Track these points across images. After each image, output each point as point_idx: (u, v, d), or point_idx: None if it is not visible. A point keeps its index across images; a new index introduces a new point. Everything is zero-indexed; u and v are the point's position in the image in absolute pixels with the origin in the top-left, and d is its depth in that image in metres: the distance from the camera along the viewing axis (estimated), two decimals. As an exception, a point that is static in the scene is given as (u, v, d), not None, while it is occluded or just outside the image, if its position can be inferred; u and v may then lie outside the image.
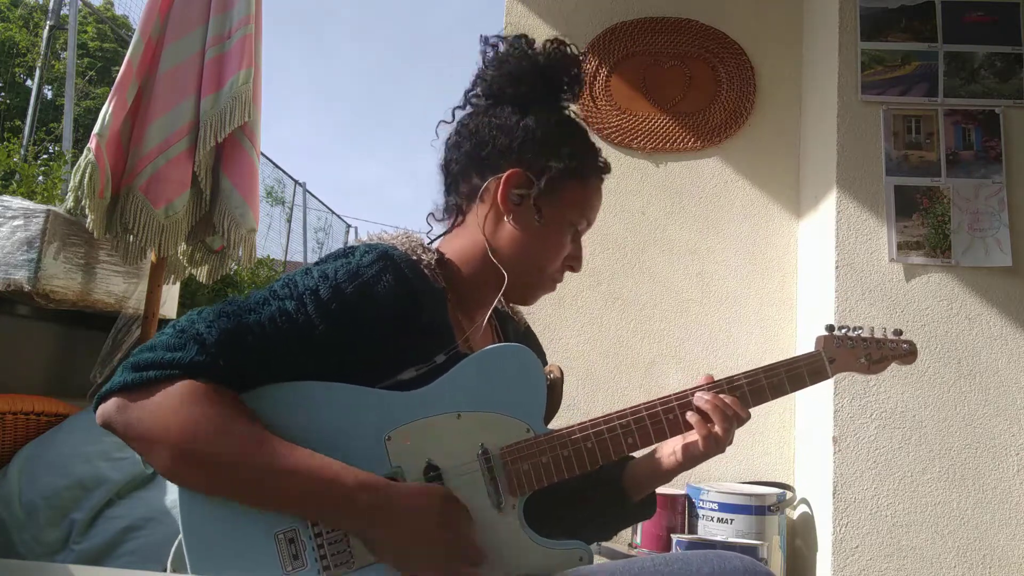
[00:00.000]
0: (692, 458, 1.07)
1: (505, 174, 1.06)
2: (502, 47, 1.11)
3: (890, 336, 1.14)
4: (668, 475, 1.11)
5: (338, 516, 0.89)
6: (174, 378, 0.87)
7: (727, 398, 1.04)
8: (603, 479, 1.13)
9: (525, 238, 1.07)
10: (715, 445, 1.03)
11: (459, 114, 1.14)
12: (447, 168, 1.13)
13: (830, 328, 1.12)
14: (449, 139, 1.14)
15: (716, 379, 1.07)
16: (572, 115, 1.15)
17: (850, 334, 1.12)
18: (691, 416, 1.03)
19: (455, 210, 1.12)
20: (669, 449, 1.10)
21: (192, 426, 0.85)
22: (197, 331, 0.89)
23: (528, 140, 1.07)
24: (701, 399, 1.04)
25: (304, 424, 0.91)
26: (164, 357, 0.87)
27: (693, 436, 1.05)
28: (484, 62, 1.11)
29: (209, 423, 0.86)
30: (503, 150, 1.07)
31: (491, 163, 1.08)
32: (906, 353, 1.14)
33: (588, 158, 1.11)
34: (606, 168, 1.15)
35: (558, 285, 1.17)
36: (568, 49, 1.11)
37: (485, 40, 1.12)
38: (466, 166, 1.10)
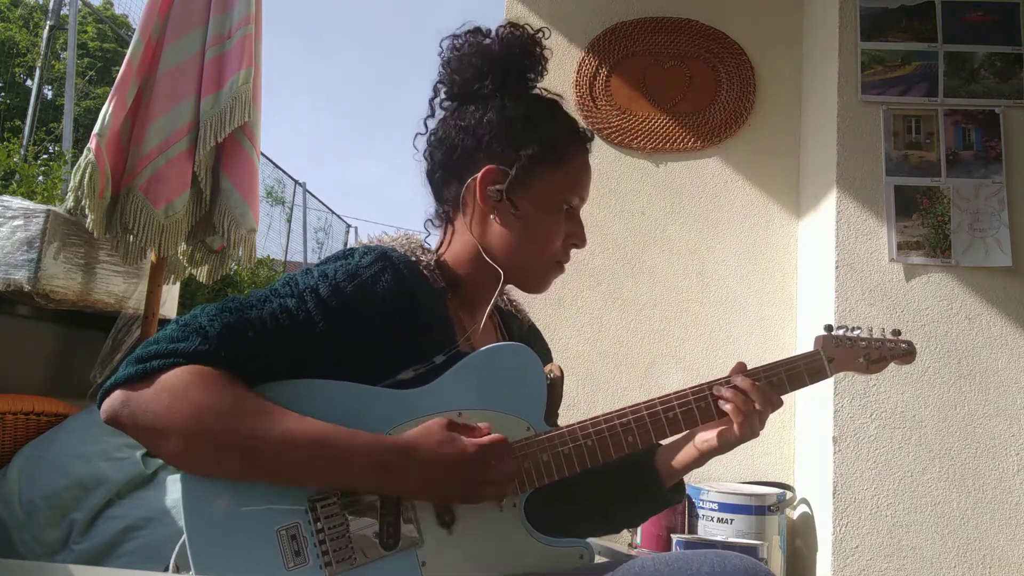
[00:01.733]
0: (727, 443, 1.07)
1: (479, 173, 1.06)
2: (456, 43, 1.10)
3: (888, 336, 1.14)
4: (701, 460, 1.11)
5: (354, 477, 0.90)
6: (177, 365, 0.87)
7: (761, 384, 1.05)
8: (635, 465, 1.13)
9: (515, 231, 1.07)
10: (750, 431, 1.05)
11: (431, 123, 1.14)
12: (431, 178, 1.14)
13: (829, 328, 1.13)
14: (425, 150, 1.13)
15: (715, 378, 1.07)
16: (541, 94, 1.13)
17: (849, 334, 1.12)
18: (725, 404, 1.04)
19: (444, 218, 1.13)
20: (703, 435, 1.10)
21: (200, 407, 0.85)
22: (200, 324, 0.90)
23: (493, 135, 1.06)
24: (738, 383, 1.05)
25: None
26: (167, 347, 0.88)
27: (727, 422, 1.06)
28: (441, 64, 1.11)
29: (216, 401, 0.86)
30: (471, 151, 1.07)
31: (464, 166, 1.08)
32: (905, 353, 1.14)
33: (562, 136, 1.09)
34: (586, 138, 1.13)
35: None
36: (522, 31, 1.10)
37: (440, 43, 1.11)
38: (444, 174, 1.11)
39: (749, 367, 1.09)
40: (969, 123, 2.20)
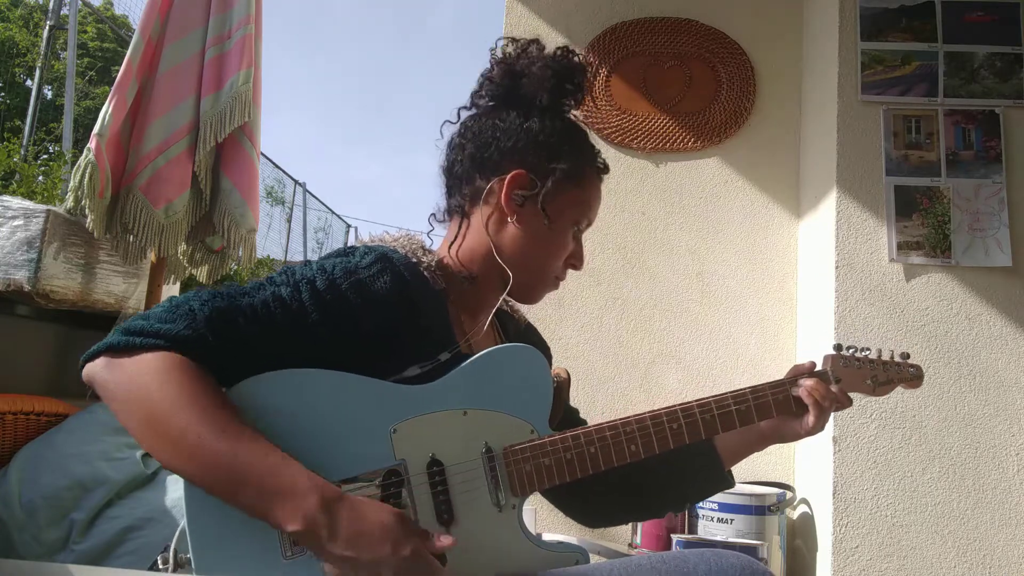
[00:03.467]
0: (795, 435, 1.10)
1: (509, 175, 1.07)
2: (511, 49, 1.12)
3: (897, 359, 1.14)
4: (761, 445, 1.15)
5: (285, 516, 0.84)
6: (158, 347, 0.87)
7: (834, 388, 1.08)
8: (695, 447, 1.12)
9: (528, 239, 1.08)
10: (821, 428, 1.09)
11: (464, 116, 1.15)
12: (450, 170, 1.14)
13: (838, 347, 1.12)
14: (452, 141, 1.14)
15: (718, 392, 1.06)
16: (574, 119, 1.17)
17: (857, 355, 1.12)
18: (806, 395, 1.06)
19: (458, 211, 1.12)
20: (767, 425, 1.11)
21: (162, 397, 0.86)
22: (190, 307, 0.90)
23: (532, 142, 1.08)
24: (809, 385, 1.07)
25: (311, 410, 0.92)
26: (153, 327, 0.88)
27: (792, 418, 1.09)
28: (492, 64, 1.12)
29: (179, 397, 0.86)
30: (506, 152, 1.08)
31: (494, 164, 1.09)
32: (912, 377, 1.14)
33: (588, 160, 1.13)
34: (605, 169, 1.17)
35: (562, 287, 1.18)
36: (575, 58, 1.13)
37: (496, 42, 1.14)
38: (469, 168, 1.11)
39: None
40: (969, 123, 2.20)
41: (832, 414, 1.12)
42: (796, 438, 1.11)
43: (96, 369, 0.90)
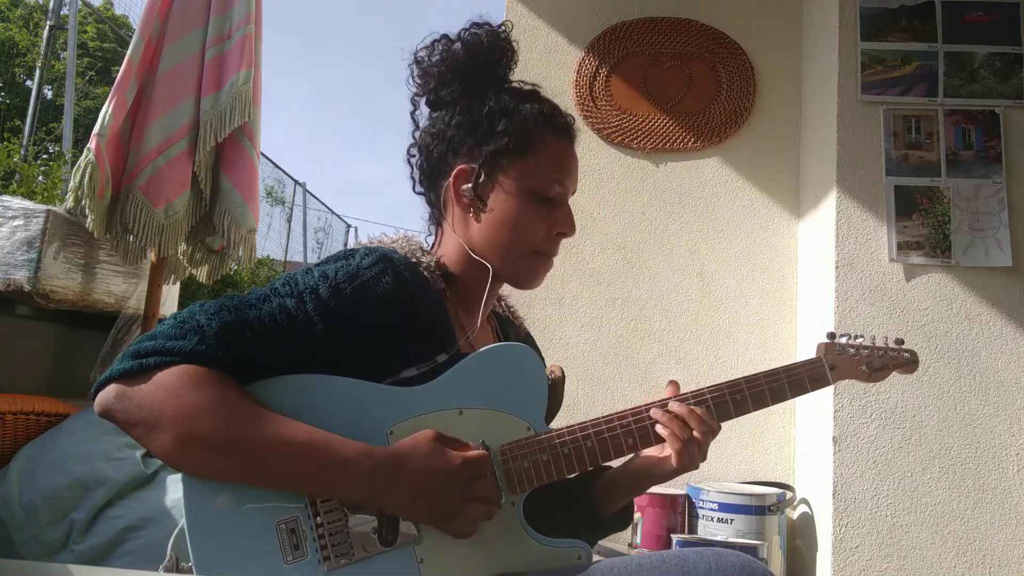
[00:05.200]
0: (665, 474, 1.06)
1: (452, 175, 1.08)
2: (422, 54, 1.12)
3: (891, 345, 1.14)
4: (642, 487, 1.12)
5: (343, 485, 0.89)
6: (174, 364, 0.87)
7: (698, 409, 1.02)
8: (574, 493, 1.13)
9: (491, 226, 1.08)
10: (690, 460, 1.02)
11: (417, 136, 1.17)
12: (417, 188, 1.17)
13: (831, 335, 1.13)
14: (409, 162, 1.17)
15: (717, 383, 1.06)
16: (514, 87, 1.13)
17: (852, 342, 1.12)
18: (661, 429, 1.02)
19: (434, 222, 1.15)
20: (644, 461, 1.09)
21: (193, 407, 0.85)
22: (198, 322, 0.90)
23: (460, 135, 1.08)
24: (668, 412, 1.02)
25: (306, 416, 0.92)
26: (165, 345, 0.88)
27: (668, 450, 1.04)
28: (412, 80, 1.13)
29: (210, 403, 0.86)
30: (443, 154, 1.10)
31: (440, 170, 1.11)
32: (907, 362, 1.14)
33: (527, 126, 1.07)
34: (559, 125, 1.11)
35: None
36: (482, 30, 1.10)
37: (411, 58, 1.13)
38: (425, 181, 1.14)
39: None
40: (969, 123, 2.20)
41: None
42: (668, 477, 1.07)
43: (110, 399, 0.88)
